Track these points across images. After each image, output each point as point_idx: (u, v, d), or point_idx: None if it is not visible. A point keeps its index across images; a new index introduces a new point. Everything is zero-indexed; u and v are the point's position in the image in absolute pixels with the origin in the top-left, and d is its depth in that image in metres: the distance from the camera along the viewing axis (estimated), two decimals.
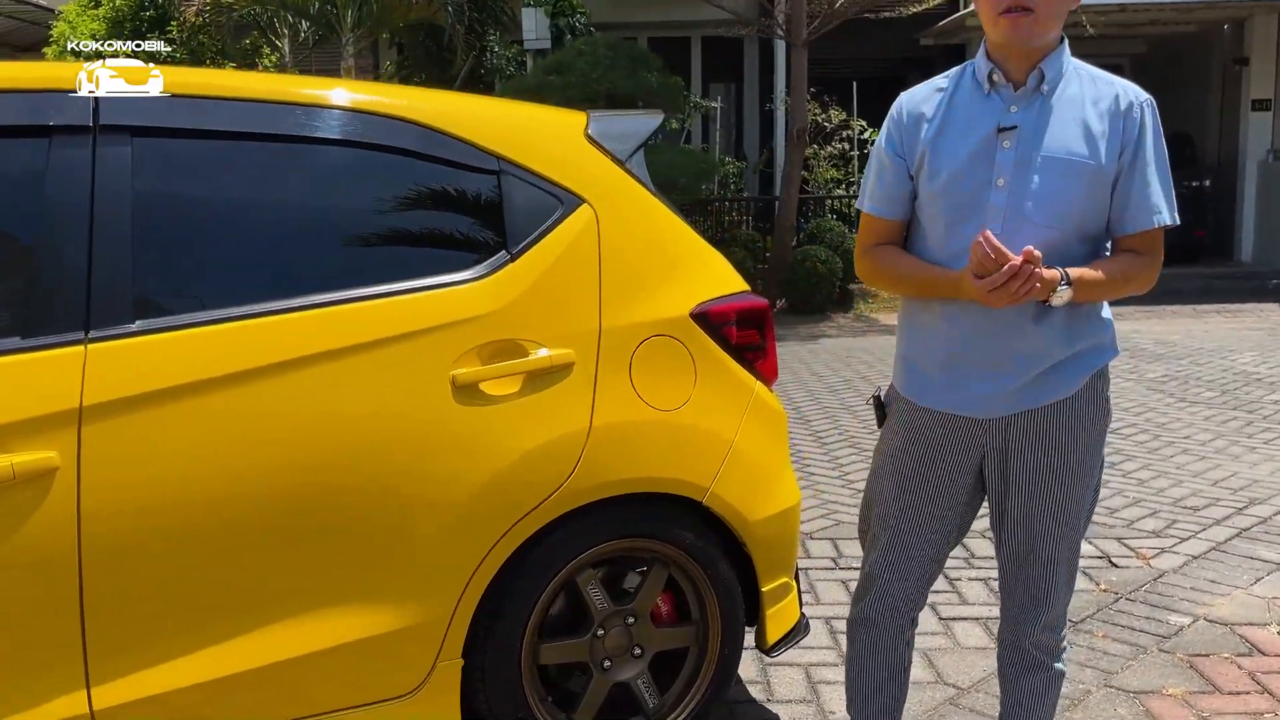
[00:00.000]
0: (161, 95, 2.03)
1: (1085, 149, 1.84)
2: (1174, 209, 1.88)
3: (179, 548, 1.89)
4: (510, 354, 2.16)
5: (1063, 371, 1.90)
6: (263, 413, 1.95)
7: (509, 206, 2.25)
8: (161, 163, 2.00)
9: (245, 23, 11.64)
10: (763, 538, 2.44)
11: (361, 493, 2.03)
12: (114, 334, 1.87)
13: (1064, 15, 1.85)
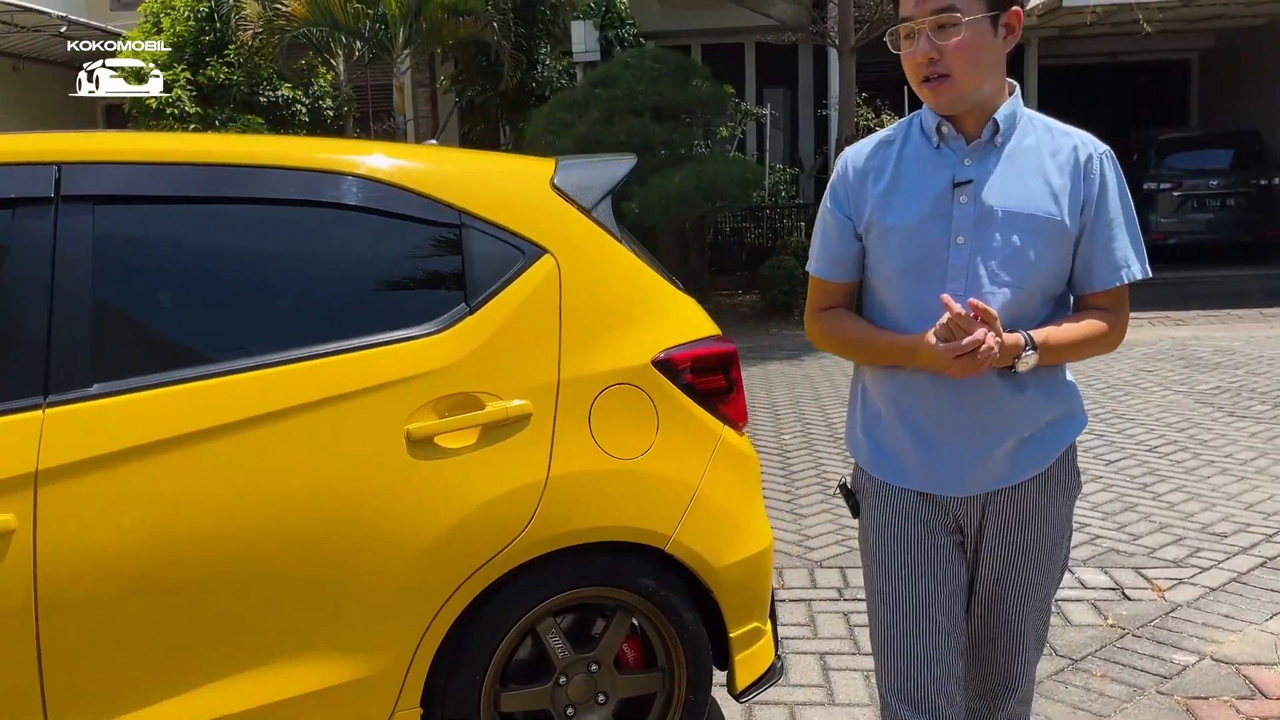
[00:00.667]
0: (122, 163, 2.09)
1: (1047, 204, 1.76)
2: (1144, 261, 1.81)
3: (135, 605, 1.96)
4: (466, 407, 2.20)
5: (1037, 445, 1.82)
6: (218, 472, 2.02)
7: (470, 259, 2.29)
8: (121, 229, 2.07)
9: (300, 43, 11.91)
10: (730, 583, 2.44)
11: (317, 546, 2.08)
12: (72, 398, 1.95)
13: (992, 67, 1.76)
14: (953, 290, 1.73)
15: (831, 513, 4.67)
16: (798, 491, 5.09)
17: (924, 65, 1.73)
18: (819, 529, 4.48)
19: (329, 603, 2.10)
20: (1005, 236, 1.75)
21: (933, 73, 1.73)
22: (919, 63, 1.73)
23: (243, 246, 2.21)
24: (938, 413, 1.81)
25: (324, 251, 2.25)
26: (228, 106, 11.41)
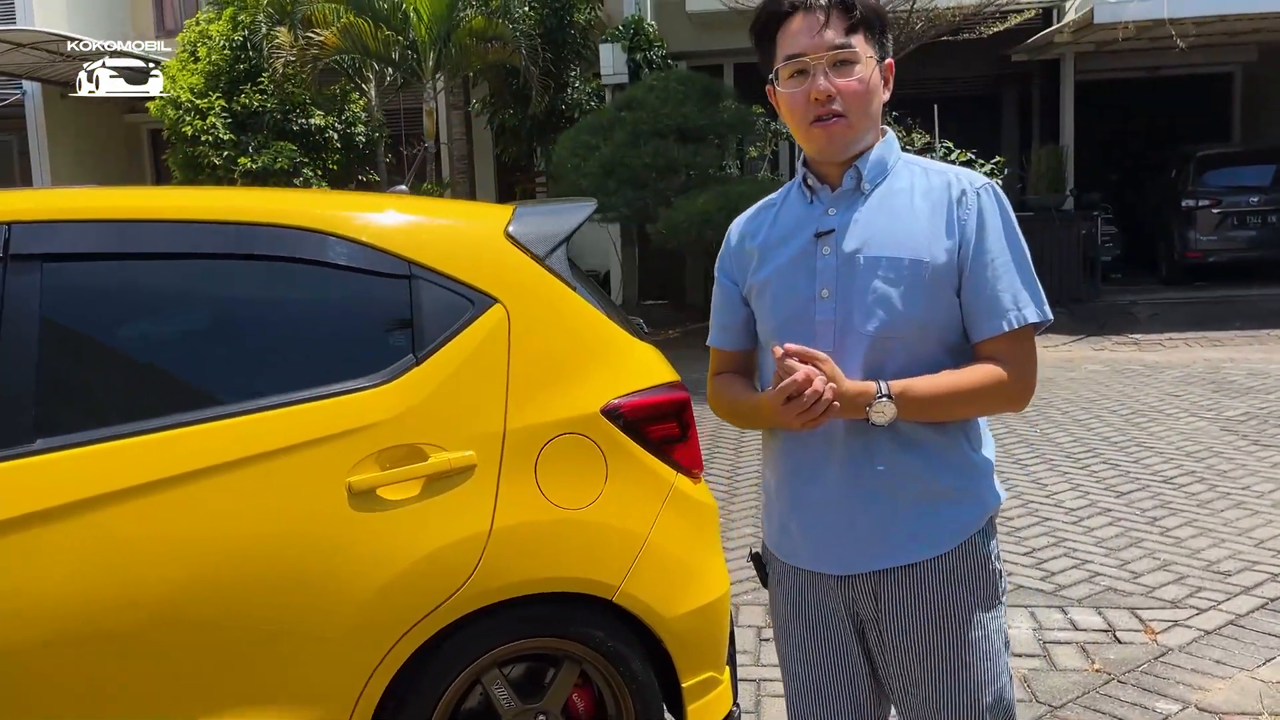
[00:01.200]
0: (69, 222, 2.14)
1: (914, 246, 1.65)
2: (1040, 303, 1.66)
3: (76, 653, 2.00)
4: (410, 459, 2.22)
5: (928, 521, 1.67)
6: (162, 524, 2.05)
7: (418, 310, 2.31)
8: (68, 286, 2.12)
9: (333, 70, 12.11)
10: (681, 633, 2.43)
11: (259, 596, 2.11)
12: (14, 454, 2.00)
13: (878, 110, 1.71)
14: (821, 346, 1.62)
15: None
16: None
17: (818, 104, 1.64)
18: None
19: (272, 652, 2.13)
20: (868, 284, 1.65)
21: (827, 112, 1.64)
22: (814, 100, 1.64)
23: (189, 302, 2.26)
24: (814, 479, 1.71)
25: (272, 305, 2.29)
26: (261, 133, 11.62)
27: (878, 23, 1.69)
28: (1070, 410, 7.54)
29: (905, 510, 1.67)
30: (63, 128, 15.28)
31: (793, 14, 1.66)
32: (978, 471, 1.72)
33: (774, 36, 1.69)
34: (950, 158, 13.65)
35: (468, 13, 12.14)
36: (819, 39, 1.64)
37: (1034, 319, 1.65)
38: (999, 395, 1.66)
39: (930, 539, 1.68)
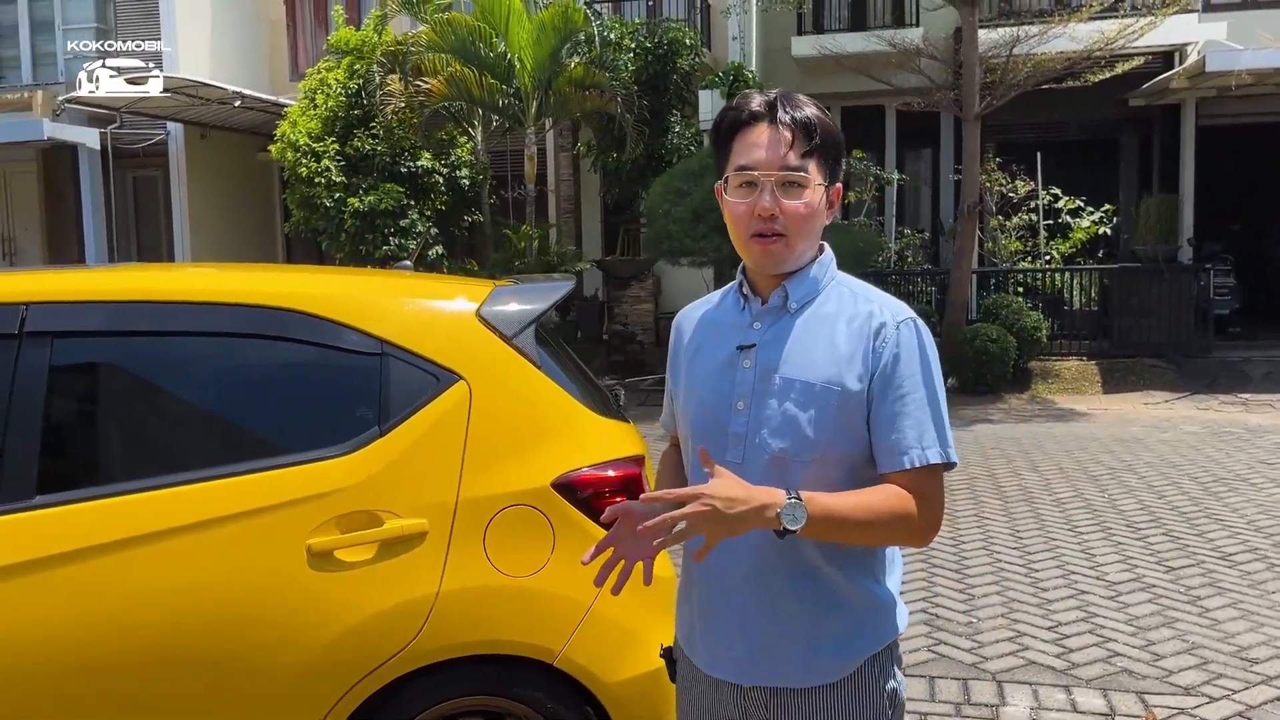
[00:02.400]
0: (77, 302, 2.43)
1: (828, 372, 1.66)
2: (944, 443, 1.64)
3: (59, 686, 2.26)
4: (366, 524, 2.42)
5: (824, 653, 1.69)
6: (140, 573, 2.31)
7: (386, 385, 2.52)
8: (72, 360, 2.42)
9: (440, 116, 12.66)
10: (623, 698, 2.55)
11: (225, 642, 2.34)
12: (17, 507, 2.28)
13: (818, 232, 1.73)
14: (731, 456, 1.66)
15: (926, 612, 4.60)
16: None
17: (760, 220, 1.66)
18: (911, 629, 4.38)
19: (230, 696, 2.35)
20: (781, 403, 1.66)
21: (769, 230, 1.67)
22: (758, 216, 1.66)
23: (176, 374, 2.53)
24: (722, 590, 1.73)
25: (251, 378, 2.55)
26: (371, 175, 12.23)
27: (833, 150, 1.71)
28: (1148, 475, 7.31)
29: (803, 639, 1.69)
30: (200, 165, 16.34)
31: (753, 124, 1.69)
32: (881, 608, 1.72)
33: (731, 140, 1.72)
34: (1057, 205, 13.36)
35: (571, 60, 12.55)
36: (773, 156, 1.66)
37: (935, 460, 1.63)
38: (903, 525, 1.63)
39: (826, 669, 1.69)
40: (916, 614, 4.58)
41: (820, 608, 1.68)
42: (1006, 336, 11.22)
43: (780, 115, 1.67)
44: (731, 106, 1.73)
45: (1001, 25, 12.55)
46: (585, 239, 15.69)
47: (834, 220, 1.80)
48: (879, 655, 1.72)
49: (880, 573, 1.74)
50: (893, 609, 1.74)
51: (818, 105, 1.72)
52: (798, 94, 1.72)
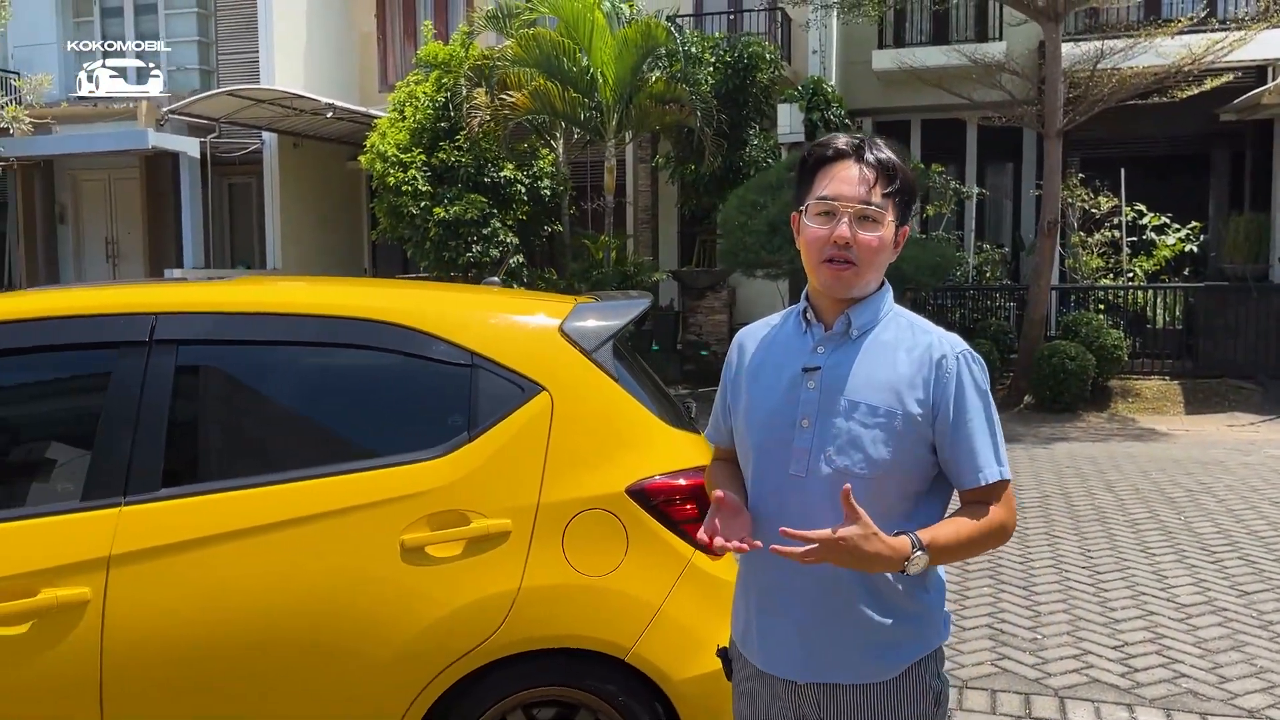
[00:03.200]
0: (200, 313, 2.68)
1: (890, 396, 1.79)
2: (1001, 461, 1.81)
3: (175, 660, 2.49)
4: (454, 523, 2.61)
5: (877, 655, 1.82)
6: (250, 561, 2.53)
7: (476, 394, 2.72)
8: (194, 366, 2.66)
9: (523, 128, 12.97)
10: (690, 695, 2.70)
11: (324, 628, 2.55)
12: (144, 499, 2.52)
13: (884, 265, 1.86)
14: (794, 470, 1.80)
15: (992, 628, 4.67)
16: (966, 594, 5.13)
17: (835, 247, 1.79)
18: (975, 643, 4.48)
19: (330, 677, 2.56)
20: (845, 424, 1.79)
21: (841, 256, 1.79)
22: (834, 242, 1.79)
23: (287, 381, 2.75)
24: (780, 593, 1.86)
25: (353, 385, 2.76)
26: (455, 186, 12.58)
27: (908, 194, 1.85)
28: (1227, 499, 7.21)
29: (861, 641, 1.82)
30: (293, 173, 16.94)
31: (839, 160, 1.83)
32: (930, 615, 1.87)
33: (815, 173, 1.85)
34: (1141, 221, 13.16)
35: (652, 75, 12.77)
36: (856, 191, 1.79)
37: (995, 479, 1.80)
38: (994, 535, 1.82)
39: (878, 669, 1.83)
40: (981, 628, 4.64)
41: (879, 613, 1.82)
42: (1085, 354, 11.10)
43: (866, 155, 1.83)
44: (819, 143, 1.89)
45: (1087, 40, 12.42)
46: (662, 249, 15.88)
47: (911, 234, 1.96)
48: (927, 658, 1.86)
49: (930, 584, 1.88)
50: (940, 616, 1.89)
51: (897, 149, 1.87)
52: (880, 138, 1.88)
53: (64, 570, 2.44)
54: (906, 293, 11.29)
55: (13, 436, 2.86)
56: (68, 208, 18.73)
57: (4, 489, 2.75)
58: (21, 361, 2.74)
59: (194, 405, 2.68)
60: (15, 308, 2.74)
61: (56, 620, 2.43)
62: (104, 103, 17.26)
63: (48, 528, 2.49)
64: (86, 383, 2.70)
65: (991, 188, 16.03)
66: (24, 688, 2.43)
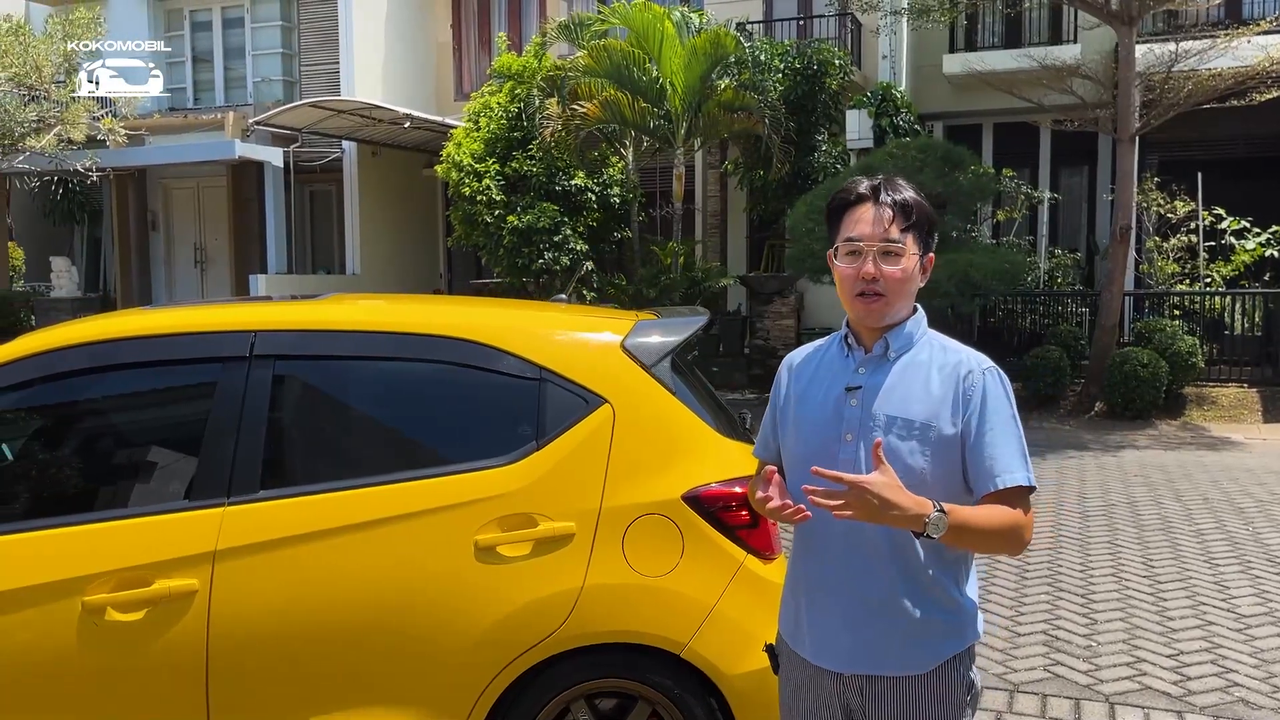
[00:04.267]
0: (294, 331, 2.94)
1: (925, 411, 1.96)
2: (1025, 469, 1.93)
3: (272, 647, 2.75)
4: (523, 525, 2.83)
5: (914, 649, 1.97)
6: (338, 557, 2.78)
7: (544, 406, 2.94)
8: (288, 379, 2.91)
9: (594, 137, 13.24)
10: (741, 690, 2.88)
11: (404, 619, 2.78)
12: (246, 499, 2.79)
13: (913, 293, 2.04)
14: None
15: (1047, 634, 4.75)
16: (1024, 600, 5.23)
17: (864, 282, 1.99)
18: (1028, 648, 4.57)
19: (410, 664, 2.79)
20: (885, 437, 1.95)
21: (870, 290, 1.99)
22: (862, 278, 1.98)
23: (371, 393, 3.00)
24: (827, 590, 2.03)
25: (430, 397, 3.00)
26: (528, 194, 12.89)
27: (926, 225, 2.03)
28: None
29: (903, 635, 1.98)
30: (371, 181, 17.47)
31: (860, 204, 2.02)
32: (964, 614, 2.02)
33: (841, 217, 2.05)
34: (1219, 226, 12.93)
35: (721, 83, 12.93)
36: (876, 230, 1.98)
37: (1022, 482, 1.92)
38: (1014, 535, 1.93)
39: (915, 662, 1.99)
40: (1037, 634, 4.73)
41: (921, 610, 1.98)
42: (1158, 361, 10.98)
43: (883, 197, 2.02)
44: (842, 189, 2.08)
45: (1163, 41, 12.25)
46: (730, 254, 16.03)
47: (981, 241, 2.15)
48: (961, 655, 2.02)
49: (964, 583, 2.04)
50: (975, 615, 2.05)
51: (914, 188, 2.05)
52: (898, 179, 2.06)
53: (175, 563, 2.72)
54: (976, 299, 11.26)
55: (130, 441, 3.16)
56: (159, 215, 19.54)
57: (122, 489, 3.04)
58: (139, 374, 3.03)
59: (289, 414, 2.94)
60: (133, 325, 3.03)
61: (168, 608, 2.70)
62: (194, 113, 18.02)
63: (161, 525, 2.76)
64: (195, 393, 2.98)
65: (1065, 191, 15.86)
66: (140, 668, 2.71)
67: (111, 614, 2.68)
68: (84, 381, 3.07)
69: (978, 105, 15.48)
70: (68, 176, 16.93)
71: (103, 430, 3.24)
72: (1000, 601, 5.21)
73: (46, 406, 3.19)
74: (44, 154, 15.67)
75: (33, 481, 3.23)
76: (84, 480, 3.15)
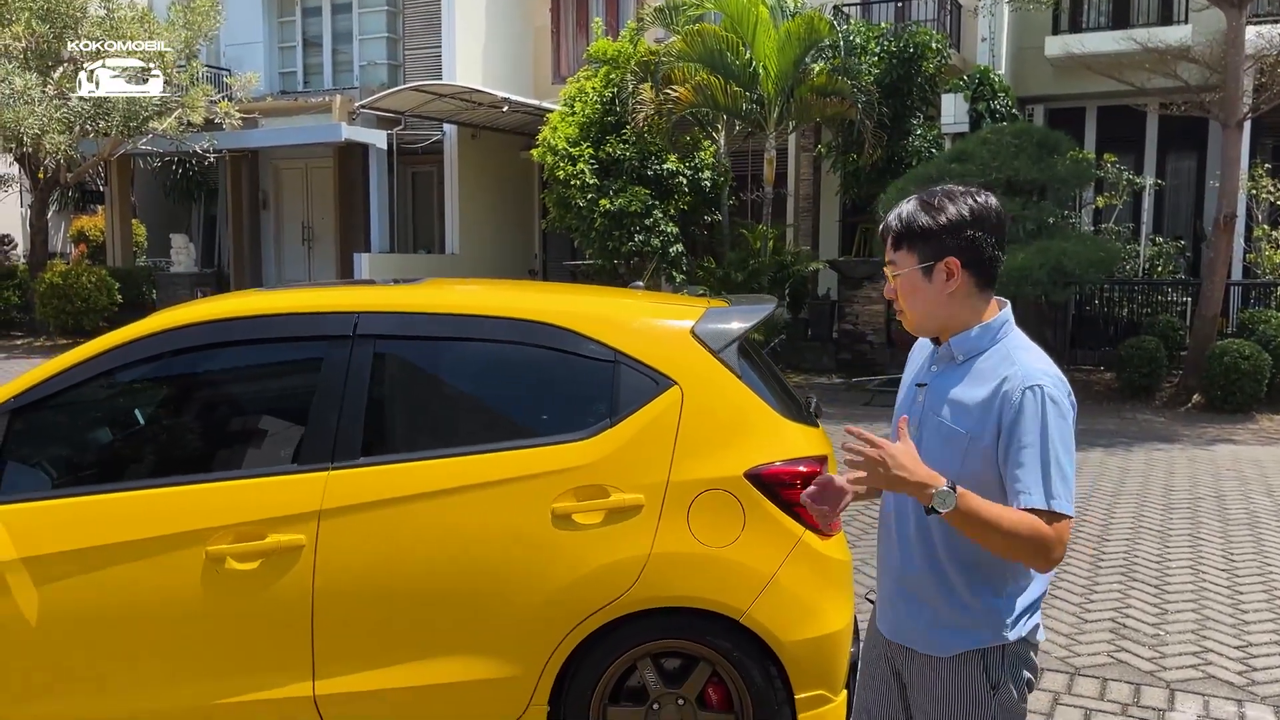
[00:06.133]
0: (394, 312, 3.22)
1: (965, 420, 2.04)
2: (1048, 494, 1.93)
3: (370, 598, 3.04)
4: (597, 495, 3.07)
5: (933, 626, 2.11)
6: (427, 520, 3.05)
7: (617, 386, 3.16)
8: (386, 357, 3.20)
9: (686, 121, 13.40)
10: (796, 655, 3.07)
11: (487, 577, 3.05)
12: (348, 465, 3.09)
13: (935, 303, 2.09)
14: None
15: (1114, 621, 4.82)
16: (1095, 588, 5.31)
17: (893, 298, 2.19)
18: (1094, 634, 4.65)
19: (491, 619, 3.06)
20: (930, 436, 2.10)
21: (897, 306, 2.18)
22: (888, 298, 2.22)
23: (461, 371, 3.28)
24: (885, 566, 2.24)
25: (515, 375, 3.25)
26: (620, 178, 13.14)
27: (916, 236, 2.08)
28: None
29: (929, 618, 2.12)
30: (470, 162, 17.95)
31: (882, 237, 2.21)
32: (993, 614, 2.08)
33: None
34: None
35: (816, 66, 12.96)
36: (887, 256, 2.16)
37: (1038, 505, 1.93)
38: (1030, 545, 1.93)
39: (937, 645, 2.12)
40: (1103, 620, 4.80)
41: (942, 599, 2.11)
42: (1261, 354, 10.70)
43: (884, 225, 2.17)
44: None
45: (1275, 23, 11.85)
46: (822, 238, 16.03)
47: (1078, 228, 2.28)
48: (988, 651, 2.09)
49: (1002, 586, 2.09)
50: (1005, 618, 2.09)
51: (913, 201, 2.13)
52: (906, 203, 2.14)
53: (286, 520, 3.03)
54: (1069, 287, 11.12)
55: (246, 409, 3.49)
56: (269, 194, 20.40)
57: (238, 451, 3.37)
58: (255, 349, 3.36)
59: (387, 389, 3.23)
60: (251, 305, 3.36)
61: (279, 560, 3.02)
62: (303, 97, 18.73)
63: (274, 485, 3.08)
64: (303, 367, 3.29)
65: (1172, 177, 15.46)
66: (254, 613, 3.04)
67: (231, 563, 3.01)
68: (206, 355, 3.42)
69: (1081, 88, 15.15)
70: (187, 157, 17.78)
71: (222, 399, 3.58)
72: (1070, 588, 5.28)
73: (173, 377, 3.54)
74: (165, 136, 16.55)
75: (161, 444, 3.60)
76: (205, 443, 3.50)
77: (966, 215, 2.08)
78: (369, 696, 3.07)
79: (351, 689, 3.07)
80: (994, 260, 2.11)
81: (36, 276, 17.42)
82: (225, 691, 3.07)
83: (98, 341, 3.30)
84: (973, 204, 2.09)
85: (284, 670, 3.06)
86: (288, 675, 3.06)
